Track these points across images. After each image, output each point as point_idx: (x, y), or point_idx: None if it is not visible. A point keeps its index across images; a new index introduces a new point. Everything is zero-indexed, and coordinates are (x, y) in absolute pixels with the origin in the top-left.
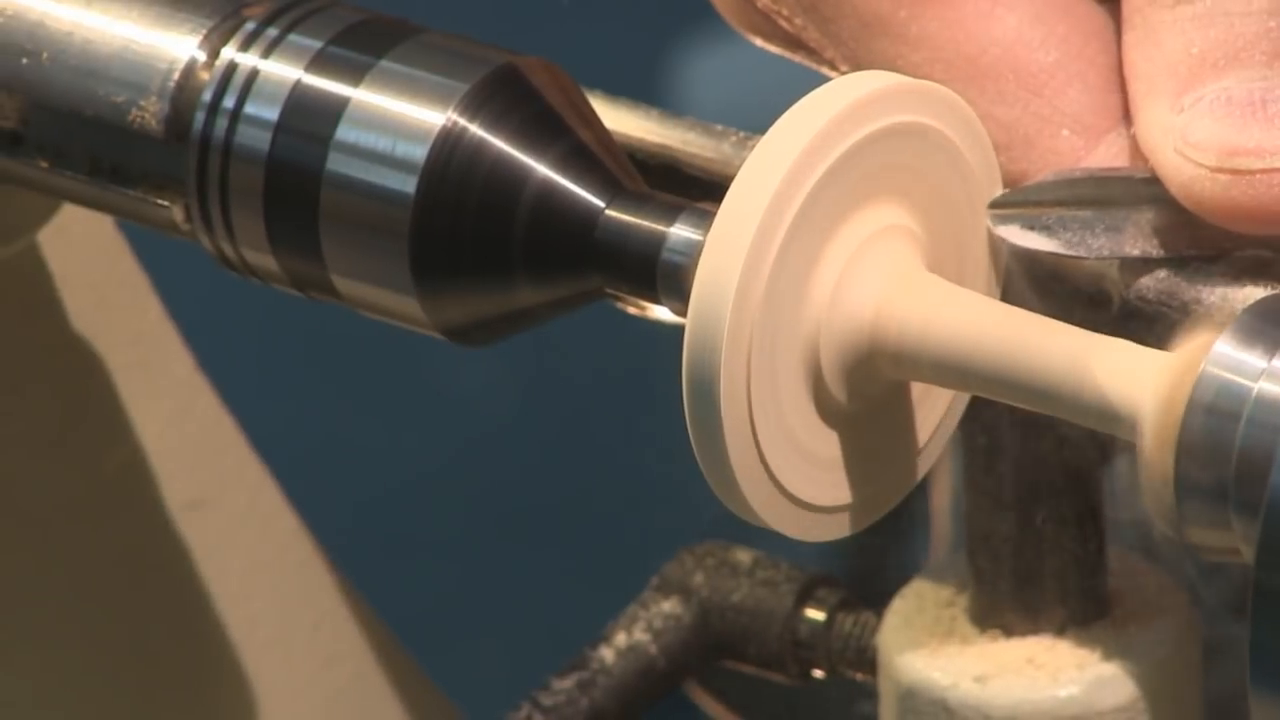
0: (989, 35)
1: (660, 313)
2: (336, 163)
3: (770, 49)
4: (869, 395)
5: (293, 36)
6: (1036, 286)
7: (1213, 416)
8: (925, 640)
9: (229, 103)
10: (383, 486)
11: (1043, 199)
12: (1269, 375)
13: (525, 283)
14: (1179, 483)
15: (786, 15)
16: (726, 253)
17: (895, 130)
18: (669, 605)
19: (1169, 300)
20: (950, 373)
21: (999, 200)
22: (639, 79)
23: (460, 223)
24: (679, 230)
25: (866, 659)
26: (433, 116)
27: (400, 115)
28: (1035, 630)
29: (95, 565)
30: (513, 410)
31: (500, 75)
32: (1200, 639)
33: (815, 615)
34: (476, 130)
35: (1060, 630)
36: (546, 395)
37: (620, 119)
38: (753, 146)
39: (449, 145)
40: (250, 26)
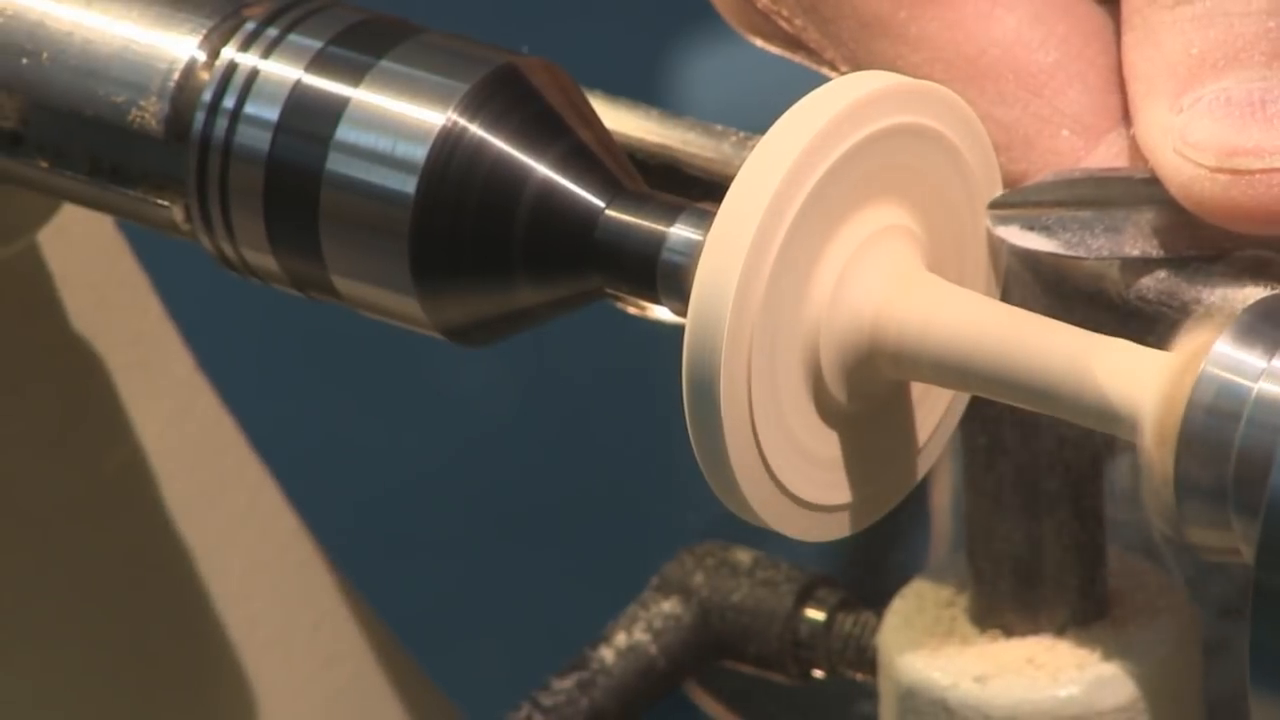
0: (989, 36)
1: (660, 313)
2: (336, 163)
3: (770, 49)
4: (869, 395)
5: (293, 36)
6: (1036, 286)
7: (1213, 416)
8: (925, 640)
9: (229, 103)
10: (383, 486)
11: (1042, 199)
12: (1269, 375)
13: (525, 283)
14: (1179, 483)
15: (786, 16)
16: (726, 253)
17: (895, 130)
18: (669, 605)
19: (1169, 300)
20: (950, 373)
21: (999, 200)
22: (639, 79)
23: (460, 223)
24: (679, 230)
25: (866, 659)
26: (433, 116)
27: (400, 115)
28: (1035, 630)
29: (95, 565)
30: (513, 410)
31: (500, 75)
32: (1200, 639)
33: (815, 615)
34: (476, 130)
35: (1060, 630)
36: (546, 395)
37: (620, 119)
38: (753, 146)
39: (449, 145)
40: (250, 26)
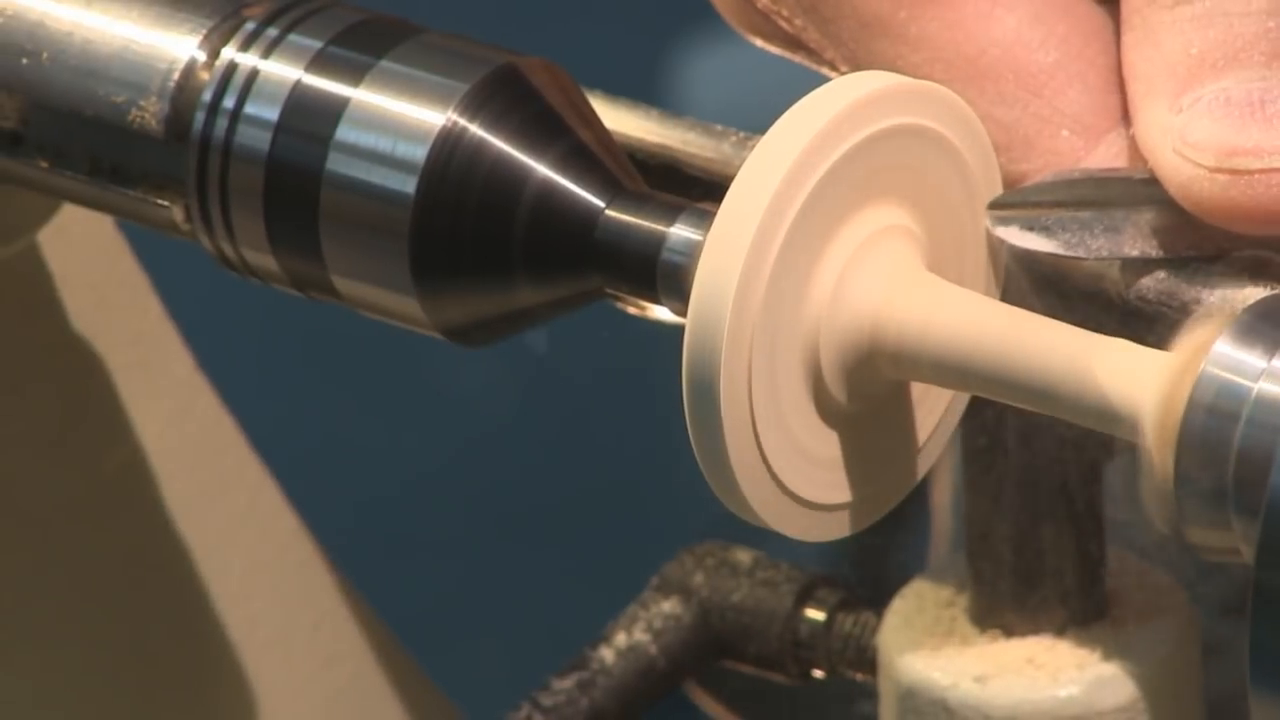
0: (988, 36)
1: (660, 313)
2: (336, 163)
3: (770, 49)
4: (869, 395)
5: (293, 36)
6: (1036, 287)
7: (1213, 416)
8: (925, 640)
9: (229, 103)
10: (382, 486)
11: (1042, 200)
12: (1269, 375)
13: (525, 283)
14: (1179, 483)
15: (786, 16)
16: (726, 253)
17: (895, 131)
18: (669, 605)
19: (1169, 300)
20: (950, 373)
21: (998, 201)
22: (639, 79)
23: (460, 223)
24: (679, 230)
25: (866, 659)
26: (433, 116)
27: (400, 115)
28: (1035, 630)
29: (95, 565)
30: (513, 410)
31: (500, 75)
32: (1200, 639)
33: (815, 615)
34: (476, 130)
35: (1060, 630)
36: (546, 395)
37: (620, 119)
38: (753, 146)
39: (449, 145)
40: (250, 26)
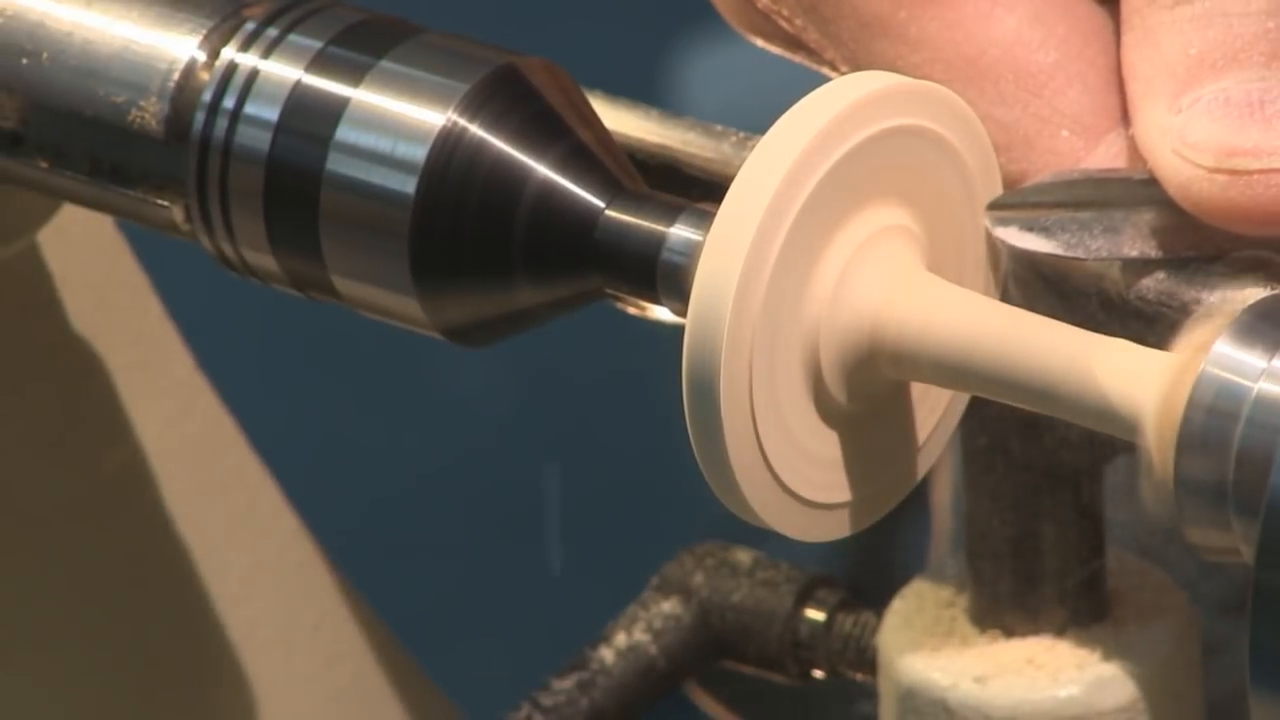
0: (988, 36)
1: (660, 313)
2: (336, 163)
3: (770, 49)
4: (869, 395)
5: (293, 37)
6: (1036, 287)
7: (1213, 417)
8: (925, 640)
9: (229, 103)
10: (383, 486)
11: (1041, 200)
12: (1269, 375)
13: (525, 283)
14: (1179, 483)
15: (787, 16)
16: (726, 253)
17: (895, 131)
18: (669, 605)
19: (1169, 301)
20: (950, 373)
21: (997, 202)
22: (639, 79)
23: (460, 223)
24: (679, 230)
25: (866, 659)
26: (433, 117)
27: (400, 115)
28: (1035, 631)
29: (95, 565)
30: (513, 411)
31: (500, 75)
32: (1200, 639)
33: (815, 615)
34: (476, 131)
35: (1060, 631)
36: (547, 396)
37: (620, 119)
38: (753, 147)
39: (449, 146)
40: (250, 27)
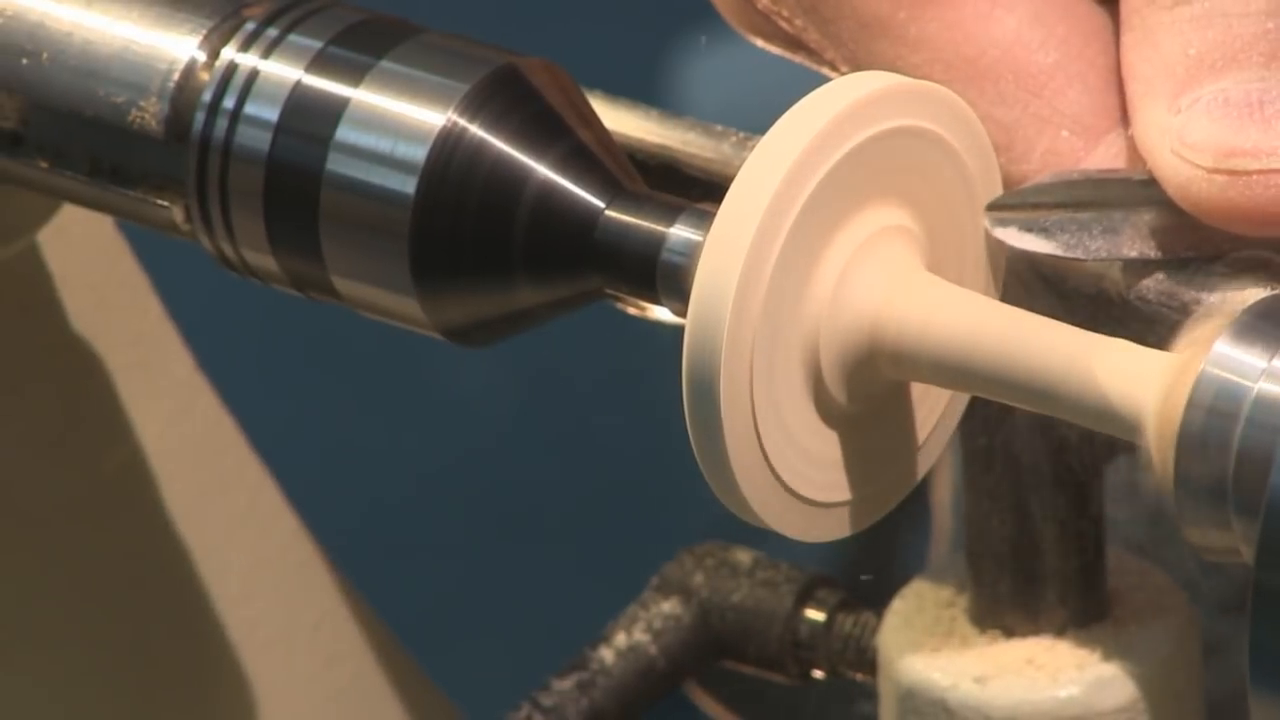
0: (988, 37)
1: (660, 313)
2: (336, 163)
3: (770, 49)
4: (869, 395)
5: (293, 37)
6: (1036, 287)
7: (1212, 417)
8: (925, 641)
9: (229, 103)
10: (383, 486)
11: (1041, 201)
12: (1268, 375)
13: (525, 283)
14: (1179, 483)
15: (787, 16)
16: (726, 254)
17: (895, 131)
18: (669, 605)
19: (1169, 301)
20: (950, 372)
21: (997, 202)
22: (639, 79)
23: (460, 223)
24: (679, 231)
25: (866, 659)
26: (433, 117)
27: (400, 116)
28: (1035, 631)
29: (95, 565)
30: (513, 411)
31: (500, 76)
32: (1200, 639)
33: (815, 616)
34: (477, 131)
35: (1060, 631)
36: (547, 396)
37: (620, 119)
38: (753, 147)
39: (449, 146)
40: (250, 27)
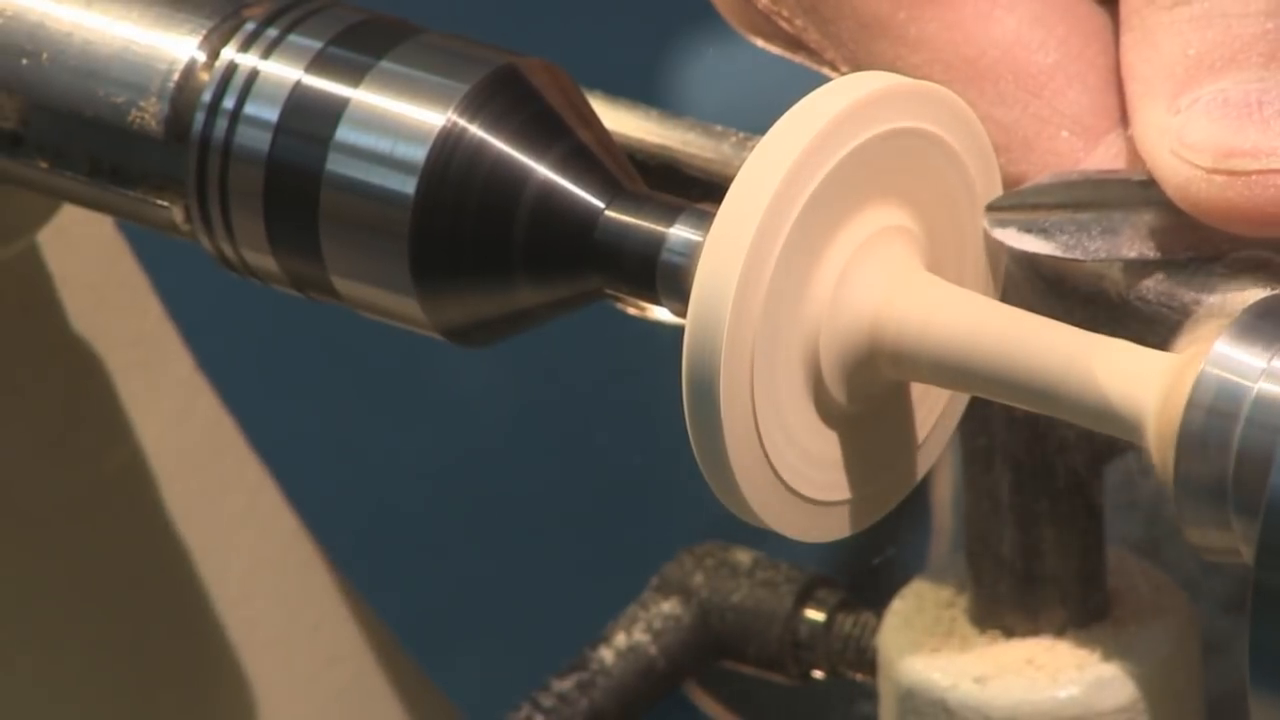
0: (988, 37)
1: (660, 313)
2: (336, 163)
3: (771, 49)
4: (869, 396)
5: (293, 37)
6: (1036, 287)
7: (1212, 417)
8: (925, 641)
9: (229, 103)
10: (383, 487)
11: (1040, 201)
12: (1268, 375)
13: (525, 283)
14: (1179, 483)
15: (787, 16)
16: (726, 254)
17: (895, 131)
18: (669, 606)
19: (1168, 301)
20: (950, 373)
21: (996, 203)
22: (639, 79)
23: (460, 223)
24: (678, 231)
25: (866, 660)
26: (433, 117)
27: (400, 116)
28: (1035, 631)
29: (95, 565)
30: (513, 411)
31: (500, 76)
32: (1200, 639)
33: (815, 616)
34: (476, 131)
35: (1060, 631)
36: (547, 396)
37: (620, 119)
38: (753, 147)
39: (449, 146)
40: (250, 27)
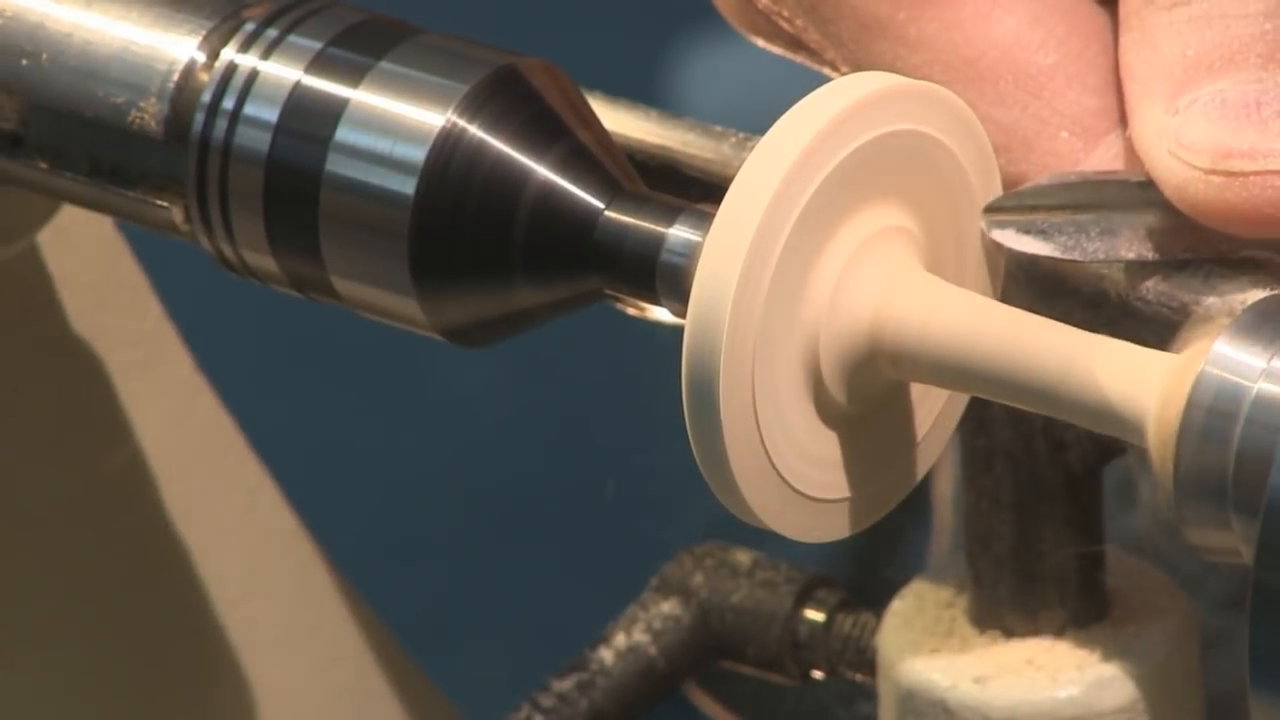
0: (988, 37)
1: (660, 313)
2: (336, 164)
3: (771, 49)
4: (869, 396)
5: (292, 37)
6: (1036, 288)
7: (1212, 417)
8: (925, 641)
9: (228, 104)
10: (383, 486)
11: (1039, 203)
12: (1268, 375)
13: (525, 284)
14: (1179, 483)
15: (787, 16)
16: (726, 254)
17: (895, 132)
18: (669, 606)
19: (1168, 302)
20: (949, 373)
21: (994, 204)
22: (639, 79)
23: (460, 224)
24: (678, 231)
25: (866, 660)
26: (432, 118)
27: (400, 116)
28: (1035, 631)
29: (95, 565)
30: (512, 411)
31: (500, 76)
32: (1199, 639)
33: (815, 616)
34: (476, 131)
35: (1060, 631)
36: (546, 396)
37: (620, 119)
38: (752, 147)
39: (449, 146)
40: (250, 27)
